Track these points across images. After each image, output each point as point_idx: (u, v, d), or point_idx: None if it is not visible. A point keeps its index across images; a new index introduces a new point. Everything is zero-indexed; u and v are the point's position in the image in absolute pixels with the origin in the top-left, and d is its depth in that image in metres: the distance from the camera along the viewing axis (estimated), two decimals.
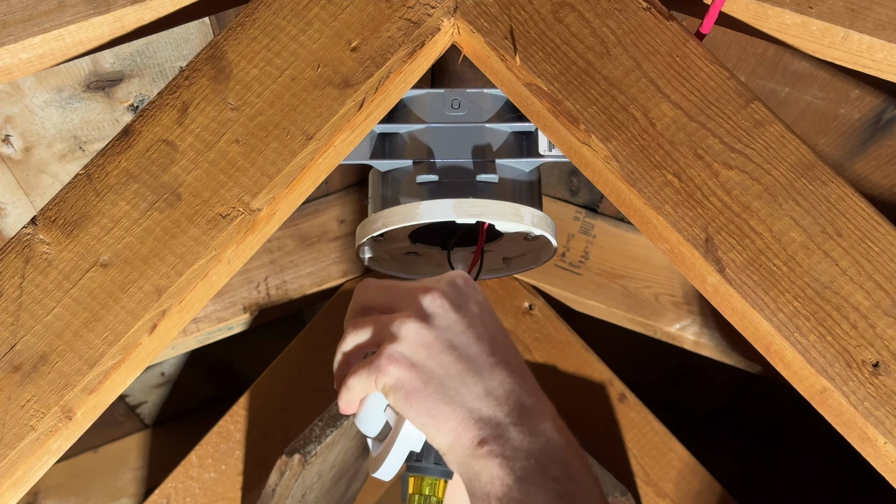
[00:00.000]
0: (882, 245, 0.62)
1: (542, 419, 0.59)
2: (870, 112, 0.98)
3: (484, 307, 0.65)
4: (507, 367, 0.62)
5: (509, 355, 0.63)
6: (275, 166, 0.64)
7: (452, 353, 0.61)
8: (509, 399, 0.60)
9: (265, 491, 1.12)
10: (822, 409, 0.62)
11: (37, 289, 0.62)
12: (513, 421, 0.59)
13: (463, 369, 0.61)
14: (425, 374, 0.61)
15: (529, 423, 0.59)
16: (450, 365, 0.61)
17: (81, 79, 0.89)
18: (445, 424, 0.60)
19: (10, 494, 0.61)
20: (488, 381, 0.61)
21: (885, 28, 0.67)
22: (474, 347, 0.62)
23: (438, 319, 0.62)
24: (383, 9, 0.67)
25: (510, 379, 0.61)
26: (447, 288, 0.64)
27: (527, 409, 0.60)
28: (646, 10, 0.67)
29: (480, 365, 0.61)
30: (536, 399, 0.61)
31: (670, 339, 1.33)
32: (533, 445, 0.58)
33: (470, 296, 0.64)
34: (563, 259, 1.32)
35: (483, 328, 0.63)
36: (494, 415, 0.59)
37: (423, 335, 0.62)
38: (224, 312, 1.28)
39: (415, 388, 0.61)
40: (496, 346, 0.63)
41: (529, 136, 0.82)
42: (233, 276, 0.66)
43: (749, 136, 0.64)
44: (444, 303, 0.63)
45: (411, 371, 0.61)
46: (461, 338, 0.62)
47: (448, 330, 0.62)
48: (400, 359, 0.61)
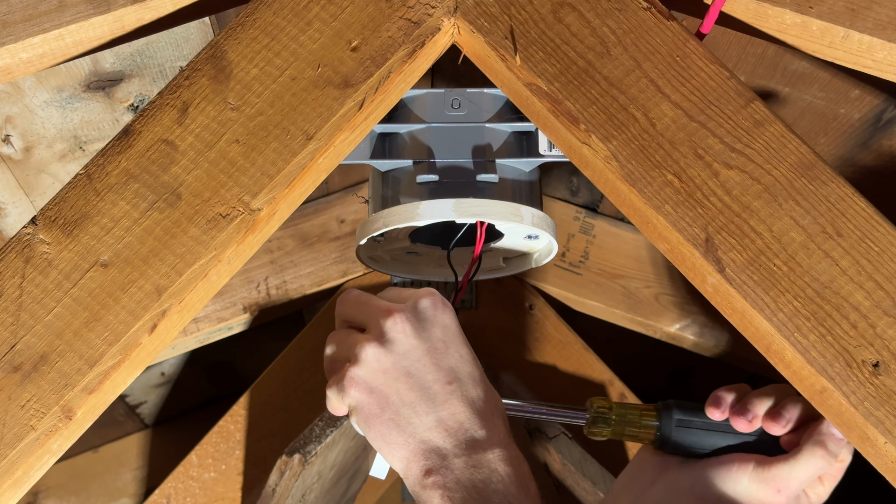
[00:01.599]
0: (882, 245, 0.62)
1: (490, 451, 0.61)
2: (870, 112, 0.98)
3: (449, 331, 0.65)
4: (463, 398, 0.63)
5: (468, 384, 0.63)
6: (275, 166, 0.64)
7: (408, 381, 0.63)
8: (459, 430, 0.61)
9: (265, 491, 1.12)
10: (823, 409, 0.62)
11: (37, 289, 0.62)
12: (459, 453, 0.60)
13: (417, 398, 0.62)
14: (381, 399, 0.63)
15: (476, 455, 0.60)
16: (404, 393, 0.63)
17: (81, 79, 0.89)
18: (398, 452, 0.62)
19: (10, 494, 0.61)
20: (440, 411, 0.62)
21: (885, 28, 0.67)
22: (430, 375, 0.63)
23: (398, 345, 0.64)
24: (383, 9, 0.67)
25: (463, 410, 0.62)
26: (411, 311, 0.65)
27: (476, 441, 0.61)
28: (646, 9, 0.67)
29: (434, 394, 0.62)
30: (488, 430, 0.62)
31: (670, 339, 1.33)
32: (476, 477, 0.60)
33: (435, 319, 0.65)
34: (563, 259, 1.32)
35: (443, 355, 0.64)
36: (443, 445, 0.61)
37: (380, 361, 0.63)
38: (224, 312, 1.28)
39: (372, 413, 0.63)
40: (454, 373, 0.63)
41: (529, 136, 0.82)
42: (233, 276, 0.66)
43: (749, 136, 0.64)
44: (405, 328, 0.64)
45: (369, 396, 0.63)
46: (418, 365, 0.63)
47: (406, 356, 0.63)
48: (360, 382, 0.63)
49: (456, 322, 0.66)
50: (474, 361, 0.65)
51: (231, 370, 1.77)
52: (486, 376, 0.66)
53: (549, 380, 1.30)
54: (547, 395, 1.27)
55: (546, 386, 1.29)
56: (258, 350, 1.51)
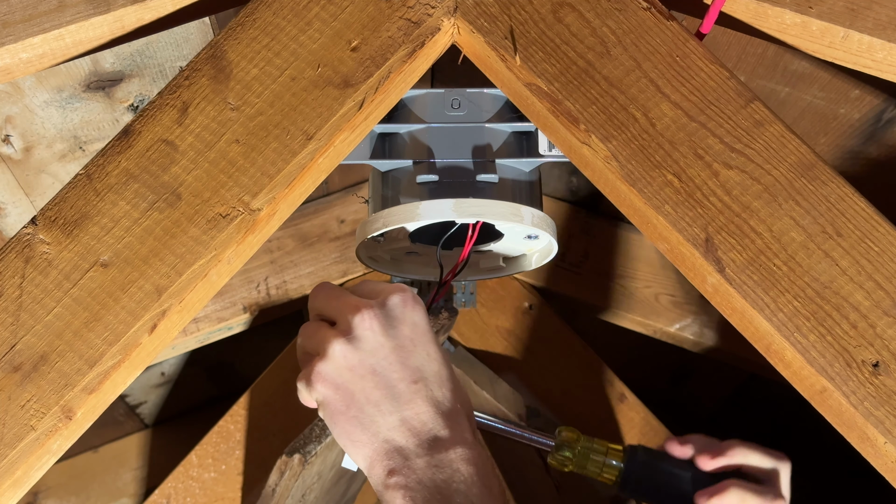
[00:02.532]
0: (882, 245, 0.62)
1: (453, 450, 0.61)
2: (870, 112, 0.98)
3: (418, 329, 0.65)
4: (427, 397, 0.62)
5: (434, 384, 0.63)
6: (275, 166, 0.64)
7: (373, 379, 0.63)
8: (422, 430, 0.61)
9: (265, 491, 1.12)
10: (822, 409, 0.62)
11: (37, 289, 0.62)
12: (422, 453, 0.60)
13: (381, 396, 0.62)
14: (347, 396, 0.63)
15: (438, 455, 0.60)
16: (370, 391, 0.62)
17: (81, 79, 0.89)
18: (362, 450, 0.62)
19: (10, 494, 0.61)
20: (404, 411, 0.62)
21: (885, 28, 0.67)
22: (396, 374, 0.63)
23: (364, 342, 0.63)
24: (383, 9, 0.67)
25: (427, 409, 0.62)
26: (379, 308, 0.65)
27: (439, 441, 0.61)
28: (646, 10, 0.67)
29: (399, 393, 0.62)
30: (452, 430, 0.62)
31: (670, 339, 1.33)
32: (438, 477, 0.59)
33: (403, 317, 0.65)
34: (563, 259, 1.32)
35: (410, 353, 0.64)
36: (406, 445, 0.61)
37: (347, 357, 0.63)
38: (224, 312, 1.28)
39: (337, 410, 0.63)
40: (420, 373, 0.63)
41: (529, 136, 0.82)
42: (233, 276, 0.67)
43: (749, 136, 0.64)
44: (372, 324, 0.64)
45: (335, 392, 0.63)
46: (384, 363, 0.63)
47: (372, 354, 0.63)
48: (326, 378, 0.63)
49: (426, 320, 0.65)
50: (442, 360, 0.65)
51: (231, 370, 1.77)
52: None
53: (549, 380, 1.30)
54: (547, 395, 1.27)
55: (546, 386, 1.29)
56: (258, 350, 1.51)
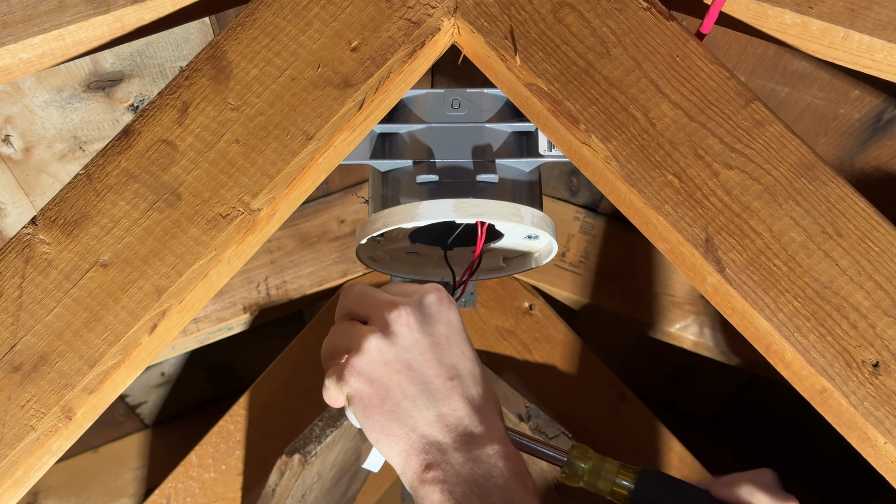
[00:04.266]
0: (882, 245, 0.62)
1: (489, 446, 0.61)
2: (870, 112, 0.98)
3: (453, 327, 0.65)
4: (463, 394, 0.62)
5: (469, 381, 0.63)
6: (275, 166, 0.64)
7: (410, 374, 0.63)
8: (459, 426, 0.61)
9: (265, 491, 1.12)
10: (822, 410, 0.62)
11: (37, 289, 0.62)
12: (459, 447, 0.60)
13: (418, 392, 0.62)
14: (382, 391, 0.63)
15: (475, 451, 0.60)
16: (406, 386, 0.62)
17: (81, 79, 0.89)
18: (397, 445, 0.61)
19: (10, 494, 0.61)
20: (441, 407, 0.62)
21: (885, 28, 0.67)
22: (432, 370, 0.63)
23: (401, 338, 0.63)
24: (383, 9, 0.67)
25: (463, 406, 0.62)
26: (416, 305, 0.65)
27: (475, 436, 0.61)
28: (646, 10, 0.67)
29: (436, 389, 0.62)
30: (487, 427, 0.62)
31: (670, 339, 1.33)
32: (476, 472, 0.59)
33: (439, 315, 0.65)
34: (563, 259, 1.32)
35: (446, 351, 0.64)
36: (443, 440, 0.61)
37: (384, 352, 0.63)
38: (224, 312, 1.28)
39: (371, 404, 0.63)
40: (456, 370, 0.63)
41: (529, 136, 0.82)
42: (233, 276, 0.66)
43: (749, 136, 0.64)
44: (409, 320, 0.64)
45: (370, 386, 0.63)
46: (420, 359, 0.63)
47: (408, 350, 0.63)
48: (360, 372, 0.63)
49: (460, 319, 0.66)
50: (476, 360, 0.65)
51: (231, 370, 1.77)
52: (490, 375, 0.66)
53: (549, 380, 1.30)
54: (547, 395, 1.27)
55: (546, 386, 1.29)
56: (258, 350, 1.51)
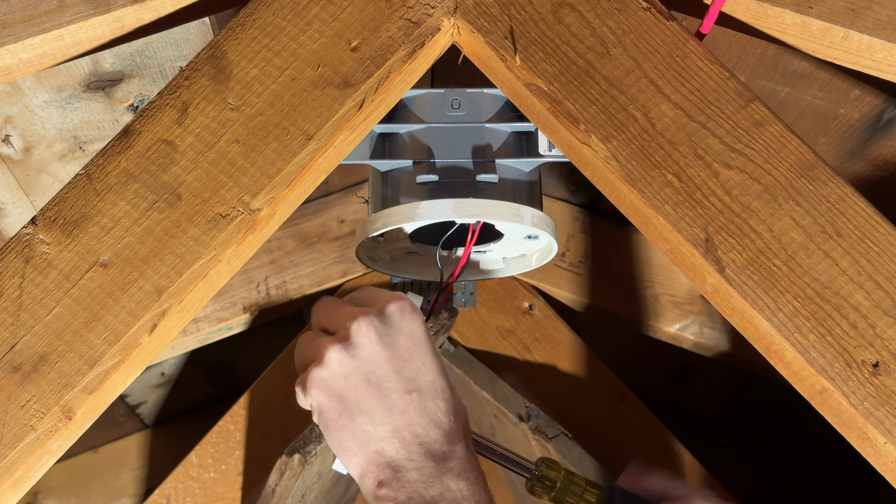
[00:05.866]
0: (882, 245, 0.62)
1: (444, 464, 0.60)
2: (870, 112, 0.98)
3: (415, 338, 0.64)
4: (421, 408, 0.62)
5: (428, 394, 0.63)
6: (275, 166, 0.64)
7: (367, 388, 0.62)
8: (414, 442, 0.61)
9: (265, 491, 1.12)
10: (822, 410, 0.62)
11: (37, 289, 0.62)
12: (412, 467, 0.60)
13: (374, 406, 0.62)
14: (341, 404, 0.63)
15: (430, 469, 0.60)
16: (363, 399, 0.62)
17: (81, 79, 0.89)
18: (353, 460, 0.62)
19: (10, 494, 0.61)
20: (397, 421, 0.61)
21: (885, 28, 0.67)
22: (390, 383, 0.62)
23: (360, 350, 0.63)
24: (383, 9, 0.67)
25: (420, 421, 0.61)
26: (377, 316, 0.64)
27: (433, 454, 0.60)
28: (646, 10, 0.67)
29: (392, 402, 0.62)
30: (445, 443, 0.61)
31: (670, 339, 1.33)
32: (428, 493, 0.59)
33: (401, 326, 0.64)
34: (563, 259, 1.32)
35: (406, 363, 0.63)
36: (396, 457, 0.60)
37: (342, 364, 0.63)
38: (224, 312, 1.28)
39: (330, 418, 0.63)
40: (415, 383, 0.63)
41: (529, 136, 0.82)
42: (233, 276, 0.66)
43: (749, 136, 0.64)
44: (369, 332, 0.63)
45: (329, 398, 0.63)
46: (378, 372, 0.63)
47: (367, 362, 0.63)
48: (320, 384, 0.63)
49: (423, 329, 0.65)
50: (438, 371, 0.64)
51: (231, 370, 1.77)
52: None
53: (549, 380, 1.29)
54: (547, 395, 1.27)
55: (546, 386, 1.29)
56: (258, 350, 1.51)
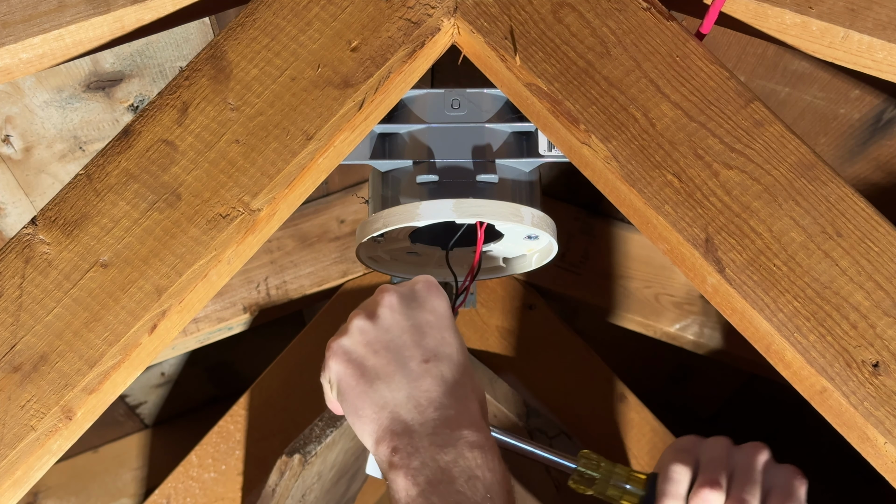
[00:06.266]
0: (882, 245, 0.62)
1: (459, 430, 0.60)
2: (870, 112, 0.98)
3: (437, 313, 0.65)
4: (438, 376, 0.62)
5: (445, 365, 0.63)
6: (275, 166, 0.64)
7: (386, 355, 0.63)
8: (430, 407, 0.61)
9: (265, 491, 1.12)
10: (822, 410, 0.62)
11: (37, 289, 0.62)
12: (428, 431, 0.59)
13: (392, 371, 0.62)
14: (358, 370, 0.63)
15: (445, 435, 0.59)
16: (381, 366, 0.62)
17: (81, 79, 0.89)
18: (368, 427, 0.61)
19: (10, 494, 0.61)
20: (413, 387, 0.61)
21: (885, 28, 0.67)
22: (409, 351, 0.63)
23: (383, 320, 0.64)
24: (383, 9, 0.67)
25: (436, 388, 0.61)
26: (403, 290, 0.66)
27: (447, 420, 0.60)
28: (646, 10, 0.67)
29: (410, 370, 0.62)
30: (459, 411, 0.61)
31: (670, 339, 1.33)
32: (442, 458, 0.58)
33: (425, 301, 0.65)
34: (563, 259, 1.32)
35: (426, 334, 0.64)
36: (412, 421, 0.60)
37: (364, 333, 0.64)
38: (224, 312, 1.28)
39: (348, 385, 0.63)
40: (434, 352, 0.63)
41: (529, 136, 0.82)
42: (233, 276, 0.67)
43: (749, 136, 0.64)
44: (393, 303, 0.65)
45: (347, 366, 0.63)
46: (398, 340, 0.63)
47: (388, 331, 0.64)
48: (340, 352, 0.64)
49: (446, 307, 0.66)
50: (459, 348, 0.65)
51: (231, 370, 1.77)
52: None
53: (549, 380, 1.29)
54: (547, 395, 1.27)
55: (546, 386, 1.29)
56: (258, 350, 1.51)
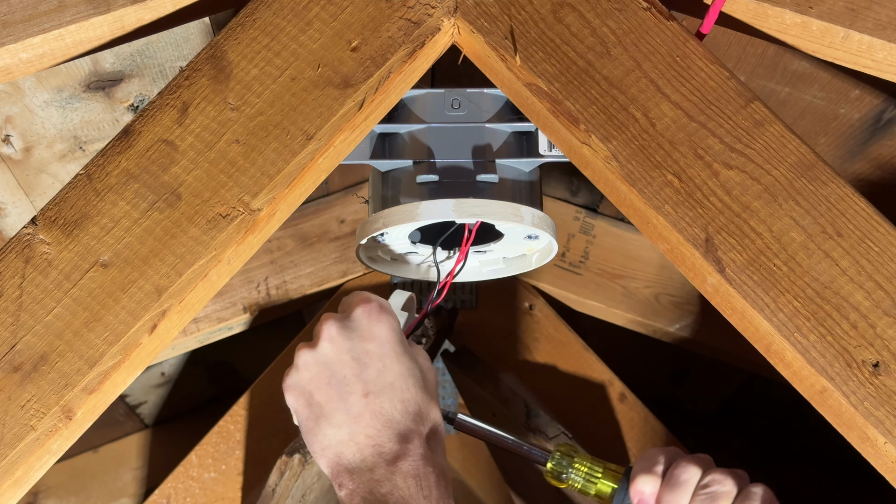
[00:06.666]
0: (882, 245, 0.62)
1: (397, 465, 0.62)
2: (870, 112, 0.98)
3: (378, 340, 0.66)
4: (377, 411, 0.64)
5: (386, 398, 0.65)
6: (275, 166, 0.64)
7: (328, 391, 0.65)
8: (368, 446, 0.63)
9: (265, 491, 1.12)
10: (822, 410, 0.62)
11: (37, 289, 0.62)
12: (368, 466, 0.63)
13: (334, 409, 0.64)
14: (307, 407, 0.66)
15: (382, 470, 0.62)
16: (324, 403, 0.65)
17: (81, 79, 0.89)
18: (321, 461, 0.65)
19: (10, 494, 0.61)
20: (354, 425, 0.64)
21: (885, 28, 0.67)
22: (350, 386, 0.65)
23: (324, 353, 0.66)
24: (383, 9, 0.67)
25: (375, 423, 0.64)
26: (341, 320, 0.67)
27: (384, 455, 0.63)
28: (646, 10, 0.67)
29: (350, 406, 0.64)
30: (399, 443, 0.63)
31: (670, 339, 1.33)
32: (380, 489, 0.62)
33: (366, 330, 0.66)
34: (563, 259, 1.32)
35: (366, 366, 0.65)
36: (353, 459, 0.63)
37: (308, 367, 0.66)
38: (224, 312, 1.28)
39: (301, 422, 0.66)
40: (374, 385, 0.65)
41: (529, 136, 0.82)
42: (233, 276, 0.67)
43: (749, 136, 0.64)
44: (333, 335, 0.66)
45: (297, 401, 0.66)
46: (339, 374, 0.65)
47: (329, 365, 0.65)
48: (290, 388, 0.67)
49: (388, 331, 0.67)
50: (401, 372, 0.66)
51: (231, 370, 1.77)
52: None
53: (549, 380, 1.30)
54: (547, 395, 1.27)
55: (546, 386, 1.29)
56: (258, 350, 1.51)
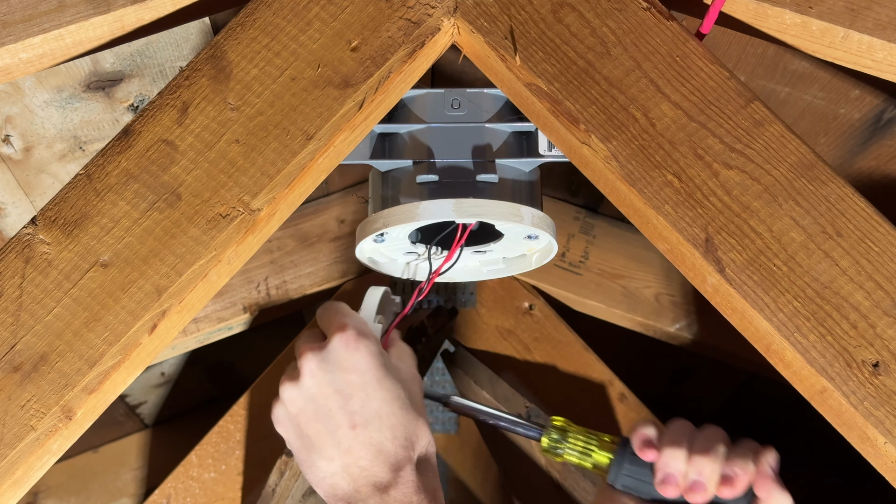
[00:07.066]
0: (882, 245, 0.62)
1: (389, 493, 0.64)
2: (870, 112, 0.98)
3: (359, 370, 0.67)
4: (367, 442, 0.65)
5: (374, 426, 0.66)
6: (275, 166, 0.64)
7: (316, 425, 0.66)
8: (361, 476, 0.65)
9: (265, 491, 1.12)
10: (822, 410, 0.62)
11: (37, 289, 0.62)
12: (362, 497, 0.65)
13: (324, 443, 0.66)
14: (299, 439, 0.67)
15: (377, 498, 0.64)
16: (314, 437, 0.66)
17: (81, 79, 0.89)
18: (319, 490, 0.67)
19: (10, 494, 0.61)
20: (345, 457, 0.65)
21: (885, 28, 0.67)
22: (335, 420, 0.66)
23: (307, 388, 0.67)
24: (383, 9, 0.67)
25: (366, 454, 0.65)
26: (320, 353, 0.68)
27: (377, 484, 0.65)
28: (646, 10, 0.67)
29: (339, 439, 0.66)
30: (392, 471, 0.65)
31: (670, 339, 1.33)
32: None
33: (345, 362, 0.67)
34: (563, 259, 1.32)
35: (350, 397, 0.66)
36: (348, 490, 0.65)
37: (293, 402, 0.67)
38: (224, 312, 1.28)
39: (295, 453, 0.68)
40: (360, 416, 0.66)
41: (529, 136, 0.82)
42: (233, 276, 0.67)
43: (749, 136, 0.64)
44: (313, 369, 0.67)
45: (288, 433, 0.68)
46: (324, 409, 0.66)
47: (314, 399, 0.67)
48: (279, 421, 0.69)
49: (367, 358, 0.67)
50: (385, 398, 0.67)
51: (231, 370, 1.77)
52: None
53: (549, 380, 1.29)
54: (547, 395, 1.27)
55: (546, 386, 1.29)
56: (258, 350, 1.51)
